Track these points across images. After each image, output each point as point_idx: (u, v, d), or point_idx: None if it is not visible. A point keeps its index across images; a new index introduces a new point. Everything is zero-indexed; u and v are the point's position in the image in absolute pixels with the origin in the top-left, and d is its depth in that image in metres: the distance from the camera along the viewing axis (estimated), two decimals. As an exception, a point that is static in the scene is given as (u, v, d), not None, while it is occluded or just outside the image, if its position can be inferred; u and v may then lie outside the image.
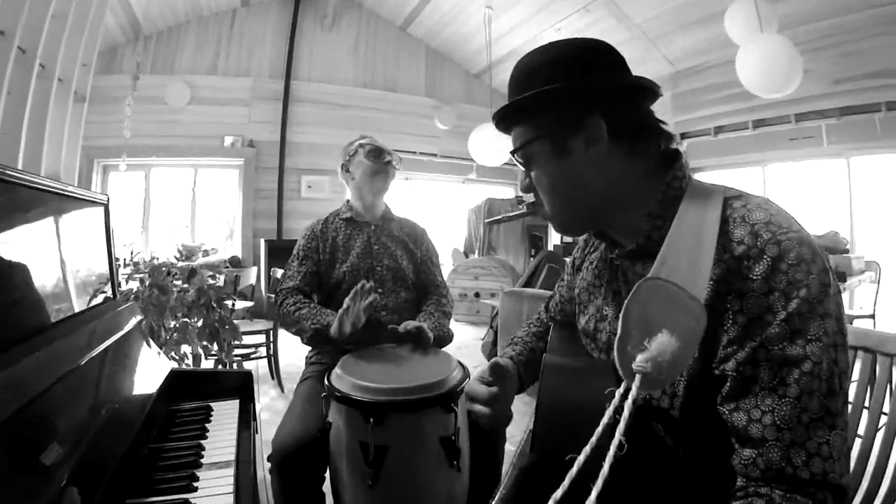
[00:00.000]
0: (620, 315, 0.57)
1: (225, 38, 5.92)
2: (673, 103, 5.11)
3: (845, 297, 3.82)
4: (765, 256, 0.60)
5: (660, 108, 0.75)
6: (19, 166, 1.69)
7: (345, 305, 1.41)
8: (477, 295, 5.87)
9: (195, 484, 0.76)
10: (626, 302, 0.57)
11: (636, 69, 0.72)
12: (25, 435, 0.54)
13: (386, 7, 6.58)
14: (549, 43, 0.77)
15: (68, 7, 2.00)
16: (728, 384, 0.60)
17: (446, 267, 6.51)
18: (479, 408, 0.90)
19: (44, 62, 1.87)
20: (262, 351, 3.64)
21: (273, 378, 3.55)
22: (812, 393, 0.56)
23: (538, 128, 0.76)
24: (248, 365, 3.73)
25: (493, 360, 0.96)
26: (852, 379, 0.98)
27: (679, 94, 5.05)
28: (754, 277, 0.60)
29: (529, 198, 0.85)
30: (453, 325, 1.78)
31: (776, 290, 0.58)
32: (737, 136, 4.76)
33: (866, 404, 1.00)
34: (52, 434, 0.57)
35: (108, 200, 1.10)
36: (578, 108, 0.72)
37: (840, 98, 4.21)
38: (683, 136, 5.11)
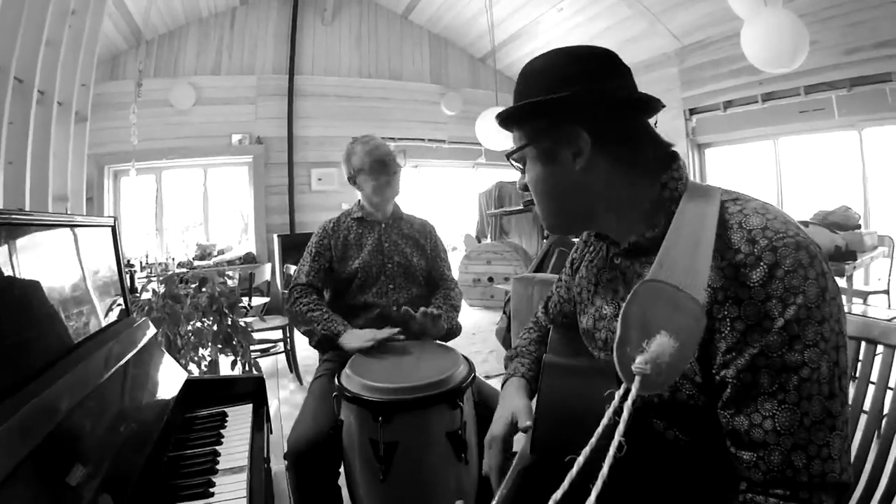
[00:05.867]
0: (619, 317, 0.57)
1: (226, 37, 5.93)
2: (681, 79, 5.07)
3: (858, 274, 3.75)
4: (761, 263, 0.60)
5: (667, 84, 0.76)
6: (27, 192, 1.76)
7: (369, 337, 1.50)
8: (490, 279, 5.89)
9: (211, 490, 0.81)
10: (624, 304, 0.57)
11: (641, 45, 0.73)
12: (52, 459, 0.59)
13: (386, -4, 6.52)
14: (552, 50, 0.80)
15: (61, 32, 2.03)
16: (728, 390, 0.62)
17: (459, 253, 6.55)
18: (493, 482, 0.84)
19: (42, 89, 1.92)
20: (280, 346, 3.73)
21: (291, 371, 3.65)
22: (812, 397, 0.57)
23: (528, 134, 0.80)
24: (267, 360, 3.83)
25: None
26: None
27: (686, 70, 5.01)
28: (751, 285, 0.60)
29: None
30: (468, 310, 1.84)
31: (773, 296, 0.59)
32: (746, 111, 4.74)
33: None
34: (76, 455, 0.63)
35: (114, 222, 1.15)
36: (562, 119, 0.74)
37: (850, 69, 4.10)
38: (692, 111, 5.08)
